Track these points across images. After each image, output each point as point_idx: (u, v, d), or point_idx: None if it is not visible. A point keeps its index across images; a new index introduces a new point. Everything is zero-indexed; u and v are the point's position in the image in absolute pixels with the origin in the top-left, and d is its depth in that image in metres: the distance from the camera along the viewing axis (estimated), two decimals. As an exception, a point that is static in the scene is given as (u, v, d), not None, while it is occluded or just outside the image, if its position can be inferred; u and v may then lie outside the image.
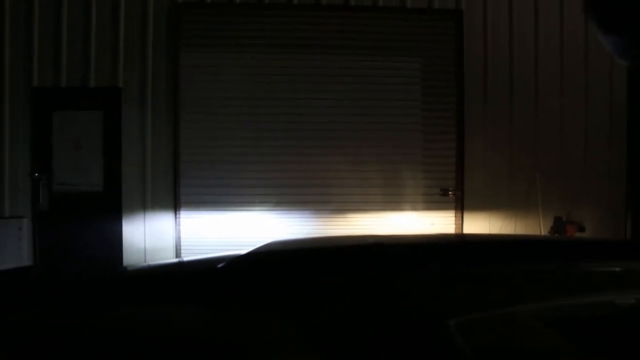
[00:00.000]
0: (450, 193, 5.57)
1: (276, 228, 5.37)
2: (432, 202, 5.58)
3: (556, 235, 5.45)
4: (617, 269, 1.50)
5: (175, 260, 4.63)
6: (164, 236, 5.36)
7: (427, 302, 1.25)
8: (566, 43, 5.72)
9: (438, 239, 2.67)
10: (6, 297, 1.44)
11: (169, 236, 5.37)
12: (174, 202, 5.36)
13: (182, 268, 2.05)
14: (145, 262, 4.85)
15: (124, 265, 4.93)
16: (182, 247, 5.37)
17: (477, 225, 5.57)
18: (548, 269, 1.44)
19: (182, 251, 5.36)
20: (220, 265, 1.55)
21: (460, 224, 5.59)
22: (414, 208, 5.57)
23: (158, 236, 5.35)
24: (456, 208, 5.62)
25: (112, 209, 5.34)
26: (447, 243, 2.25)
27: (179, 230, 5.38)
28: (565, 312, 1.23)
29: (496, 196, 5.60)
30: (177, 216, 5.38)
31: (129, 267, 3.43)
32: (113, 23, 5.35)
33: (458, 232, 5.54)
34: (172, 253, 5.33)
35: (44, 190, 5.29)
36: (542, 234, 5.46)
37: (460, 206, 5.61)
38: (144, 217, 5.35)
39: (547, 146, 5.68)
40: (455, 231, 5.58)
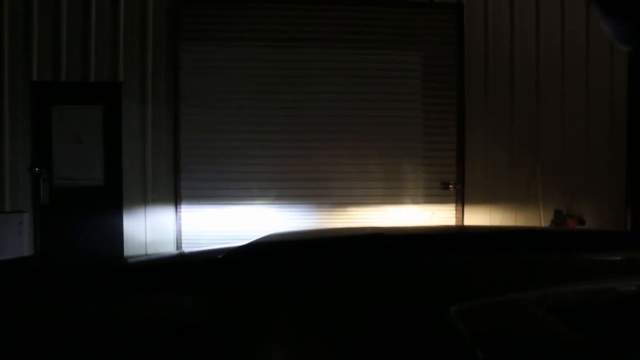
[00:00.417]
0: (451, 186, 5.57)
1: (277, 221, 5.37)
2: (433, 196, 5.58)
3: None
4: (619, 258, 1.50)
5: (175, 251, 4.64)
6: (165, 230, 5.37)
7: (428, 291, 1.25)
8: (567, 42, 5.71)
9: (438, 230, 2.67)
10: (7, 286, 1.45)
11: (170, 230, 5.38)
12: (175, 196, 5.37)
13: (182, 258, 2.06)
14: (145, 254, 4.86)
15: (124, 255, 4.94)
16: (183, 241, 5.37)
17: (478, 218, 5.58)
18: (550, 258, 1.44)
19: (183, 245, 5.37)
20: (220, 255, 1.55)
21: (461, 217, 5.60)
22: (415, 201, 5.57)
23: (159, 230, 5.36)
24: (457, 201, 5.62)
25: (113, 203, 5.35)
26: (448, 234, 2.25)
27: (180, 224, 5.39)
28: (567, 300, 1.23)
29: (497, 189, 5.60)
30: (178, 210, 5.38)
31: (129, 258, 3.43)
32: (113, 17, 5.34)
33: (458, 224, 5.55)
34: (173, 247, 5.34)
35: (45, 184, 5.30)
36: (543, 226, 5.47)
37: (460, 199, 5.61)
38: (145, 211, 5.36)
39: (548, 141, 5.68)
40: (456, 224, 5.58)
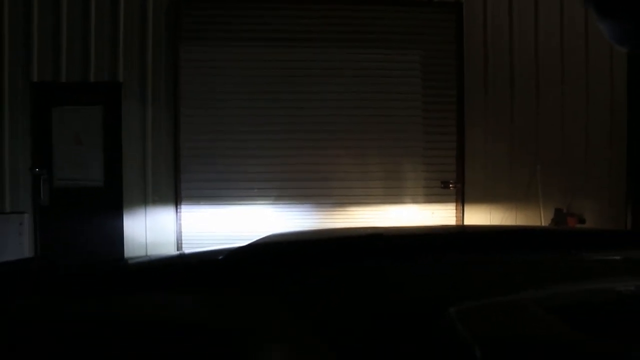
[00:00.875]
0: (451, 185, 5.57)
1: (277, 222, 5.37)
2: (433, 195, 5.58)
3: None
4: (619, 257, 1.50)
5: (175, 252, 4.64)
6: (165, 231, 5.37)
7: (428, 291, 1.25)
8: (566, 40, 5.71)
9: (438, 230, 2.67)
10: (7, 287, 1.45)
11: (170, 231, 5.38)
12: (175, 197, 5.37)
13: (183, 259, 2.06)
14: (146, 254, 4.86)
15: (125, 256, 4.94)
16: (183, 242, 5.37)
17: (478, 217, 5.57)
18: (550, 257, 1.44)
19: (183, 245, 5.36)
20: (220, 256, 1.55)
21: (461, 216, 5.60)
22: (415, 201, 5.57)
23: (159, 231, 5.35)
24: (457, 200, 5.62)
25: (113, 204, 5.35)
26: (447, 233, 2.25)
27: (180, 224, 5.38)
28: (567, 299, 1.23)
29: (497, 188, 5.60)
30: (178, 210, 5.38)
31: (129, 258, 3.44)
32: (113, 17, 5.34)
33: (459, 223, 5.55)
34: (173, 247, 5.33)
35: (45, 185, 5.30)
36: (543, 225, 5.47)
37: (461, 198, 5.61)
38: (145, 212, 5.36)
39: (548, 139, 5.68)
40: (456, 223, 5.58)
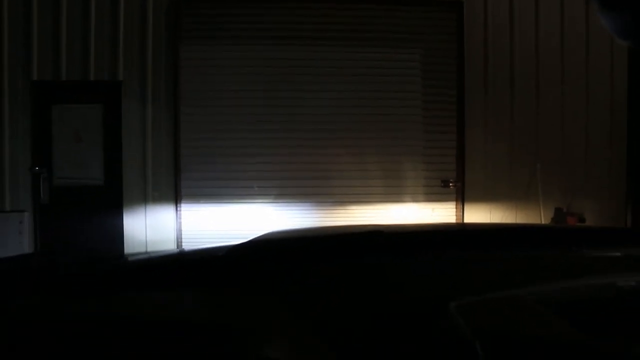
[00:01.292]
0: (451, 184, 5.57)
1: (277, 220, 5.37)
2: (433, 194, 5.58)
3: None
4: (618, 254, 1.50)
5: (175, 250, 4.64)
6: (165, 229, 5.37)
7: (428, 288, 1.25)
8: (566, 40, 5.70)
9: (437, 228, 2.67)
10: (7, 285, 1.45)
11: (170, 229, 5.37)
12: (175, 195, 5.37)
13: (182, 257, 2.06)
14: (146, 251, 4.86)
15: (125, 254, 4.93)
16: (183, 240, 5.37)
17: (478, 216, 5.57)
18: (549, 254, 1.44)
19: (183, 243, 5.36)
20: (218, 253, 1.55)
21: (461, 215, 5.60)
22: (415, 200, 5.57)
23: (159, 229, 5.35)
24: (457, 199, 5.62)
25: (113, 203, 5.35)
26: (447, 231, 2.25)
27: (180, 222, 5.38)
28: (566, 296, 1.23)
29: (497, 187, 5.60)
30: (178, 208, 5.38)
31: (129, 256, 3.43)
32: (113, 16, 5.33)
33: (459, 222, 5.55)
34: (173, 246, 5.34)
35: (45, 184, 5.30)
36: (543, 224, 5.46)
37: (461, 197, 5.61)
38: (145, 210, 5.36)
39: (548, 139, 5.67)
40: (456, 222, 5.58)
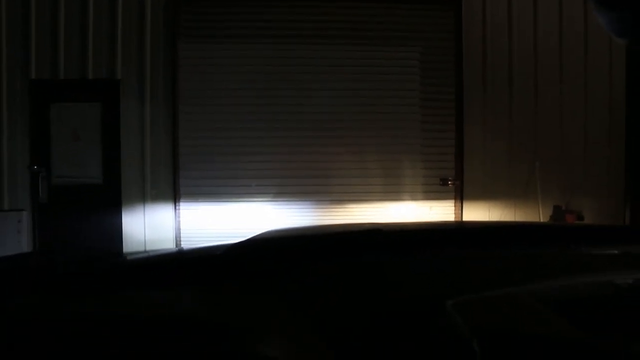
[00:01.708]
0: (449, 182, 5.58)
1: (276, 219, 5.37)
2: (432, 192, 5.58)
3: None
4: (616, 252, 1.50)
5: (174, 248, 4.64)
6: (164, 228, 5.37)
7: (427, 286, 1.25)
8: (565, 38, 5.70)
9: (436, 226, 2.67)
10: (6, 284, 1.44)
11: (169, 227, 5.38)
12: (174, 193, 5.37)
13: (181, 255, 2.06)
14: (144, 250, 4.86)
15: (123, 252, 4.93)
16: (182, 238, 5.38)
17: (477, 214, 5.58)
18: (548, 252, 1.44)
19: (182, 242, 5.37)
20: (217, 252, 1.55)
21: (459, 213, 5.60)
22: (414, 198, 5.58)
23: (158, 227, 5.35)
24: (455, 197, 5.62)
25: (112, 201, 5.34)
26: (446, 229, 2.25)
27: (179, 221, 5.39)
28: (565, 293, 1.23)
29: (496, 185, 5.60)
30: (177, 207, 5.38)
31: (128, 254, 3.43)
32: (111, 14, 5.33)
33: (457, 220, 5.55)
34: (172, 244, 5.34)
35: (43, 182, 5.29)
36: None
37: (459, 195, 5.62)
38: (144, 209, 5.35)
39: (547, 137, 5.68)
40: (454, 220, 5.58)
